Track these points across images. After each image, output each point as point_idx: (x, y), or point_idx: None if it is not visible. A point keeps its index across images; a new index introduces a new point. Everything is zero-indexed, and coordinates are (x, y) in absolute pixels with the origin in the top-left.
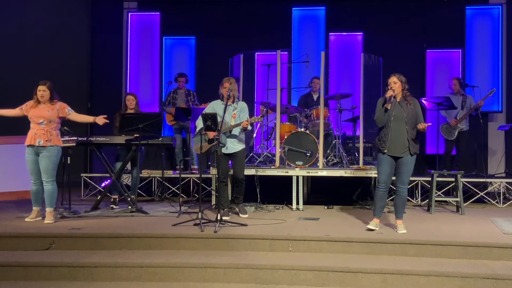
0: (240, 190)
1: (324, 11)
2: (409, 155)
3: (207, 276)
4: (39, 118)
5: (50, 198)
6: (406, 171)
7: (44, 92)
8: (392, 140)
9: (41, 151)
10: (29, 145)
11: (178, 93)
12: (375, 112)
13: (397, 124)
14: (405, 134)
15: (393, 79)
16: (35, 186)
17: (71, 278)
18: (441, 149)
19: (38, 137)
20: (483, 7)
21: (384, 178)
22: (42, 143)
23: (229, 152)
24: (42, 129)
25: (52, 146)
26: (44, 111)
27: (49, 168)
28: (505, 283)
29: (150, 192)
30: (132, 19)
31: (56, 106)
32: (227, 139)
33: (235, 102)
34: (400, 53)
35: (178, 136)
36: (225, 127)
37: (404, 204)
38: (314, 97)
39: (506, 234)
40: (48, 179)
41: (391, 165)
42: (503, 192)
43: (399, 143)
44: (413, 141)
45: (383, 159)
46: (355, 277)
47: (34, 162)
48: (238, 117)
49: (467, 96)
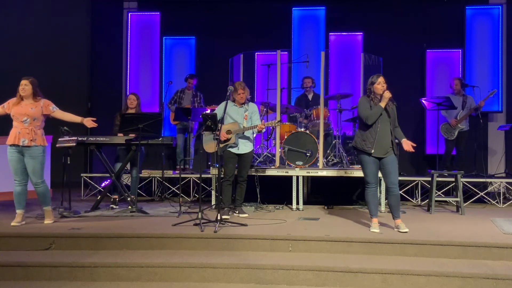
0: (241, 192)
1: (324, 11)
2: (392, 154)
3: (207, 276)
4: (23, 116)
5: (44, 197)
6: (393, 170)
7: (26, 86)
8: (379, 142)
9: (25, 152)
10: (12, 144)
11: (185, 93)
12: (363, 111)
13: (383, 125)
14: (389, 135)
15: (383, 79)
16: (19, 187)
17: (71, 278)
18: (441, 149)
19: (22, 136)
20: (483, 7)
21: (372, 178)
22: (26, 142)
23: (240, 153)
24: (26, 128)
25: (36, 146)
26: (27, 108)
27: (37, 169)
28: (505, 283)
29: (150, 192)
30: (132, 19)
31: (40, 103)
32: (239, 139)
33: (246, 104)
34: (400, 53)
35: (181, 136)
36: (239, 128)
37: (399, 203)
38: (309, 96)
39: (506, 234)
40: (38, 181)
41: (376, 165)
42: (503, 192)
43: (385, 144)
44: (394, 141)
45: (369, 161)
46: (355, 277)
47: (19, 161)
48: (249, 119)
49: (467, 96)
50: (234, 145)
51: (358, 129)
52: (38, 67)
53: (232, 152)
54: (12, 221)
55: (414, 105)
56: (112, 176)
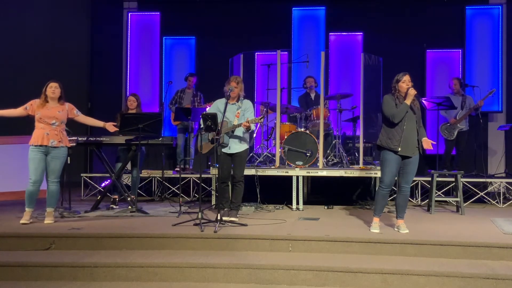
0: (238, 194)
1: (324, 11)
2: (417, 154)
3: (207, 276)
4: (51, 119)
5: (54, 198)
6: (412, 171)
7: (56, 89)
8: (405, 140)
9: (51, 152)
10: (38, 145)
11: (185, 93)
12: (388, 110)
13: (410, 123)
14: (415, 134)
15: (408, 77)
16: (33, 187)
17: (71, 278)
18: (441, 149)
19: (51, 138)
20: (483, 7)
21: (390, 178)
22: (55, 144)
23: (231, 152)
24: (55, 129)
25: (63, 147)
26: (55, 111)
27: (58, 169)
28: (505, 283)
29: (150, 192)
30: (132, 19)
31: (65, 106)
32: (229, 139)
33: (239, 101)
34: (400, 53)
35: (181, 136)
36: (227, 127)
37: (407, 203)
38: (311, 96)
39: (506, 234)
40: (55, 180)
41: (398, 165)
42: (503, 192)
43: (412, 143)
44: (420, 140)
45: (392, 159)
46: (355, 277)
47: (41, 160)
48: (242, 116)
49: (467, 96)
50: (225, 145)
51: (382, 128)
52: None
53: (224, 153)
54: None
55: None
56: (112, 176)
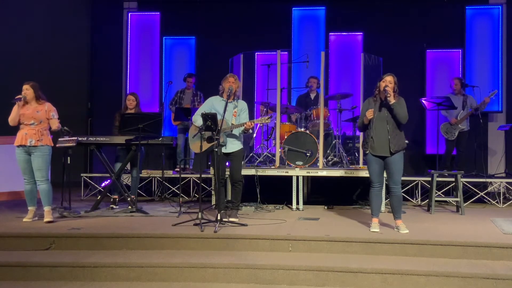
0: (237, 194)
1: (324, 11)
2: (397, 154)
3: (207, 276)
4: (30, 119)
5: (46, 197)
6: (396, 170)
7: (27, 91)
8: (375, 141)
9: (32, 151)
10: (19, 145)
11: (185, 93)
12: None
13: (379, 124)
14: (386, 134)
15: (391, 78)
16: (29, 185)
17: (71, 278)
18: (441, 149)
19: (29, 137)
20: (483, 7)
21: (376, 177)
22: (33, 143)
23: (227, 152)
24: (33, 129)
25: (43, 145)
26: (34, 112)
27: (43, 167)
28: (505, 283)
29: (150, 192)
30: (132, 19)
31: (45, 106)
32: (227, 138)
33: (235, 100)
34: (400, 53)
35: (181, 136)
36: (226, 126)
37: (401, 203)
38: (311, 96)
39: (506, 234)
40: (42, 178)
41: (379, 164)
42: (503, 192)
43: (381, 143)
44: (395, 139)
45: (371, 160)
46: (355, 277)
47: (26, 161)
48: (238, 116)
49: (467, 96)
50: (223, 143)
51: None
52: (38, 67)
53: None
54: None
55: (414, 105)
56: (112, 176)
